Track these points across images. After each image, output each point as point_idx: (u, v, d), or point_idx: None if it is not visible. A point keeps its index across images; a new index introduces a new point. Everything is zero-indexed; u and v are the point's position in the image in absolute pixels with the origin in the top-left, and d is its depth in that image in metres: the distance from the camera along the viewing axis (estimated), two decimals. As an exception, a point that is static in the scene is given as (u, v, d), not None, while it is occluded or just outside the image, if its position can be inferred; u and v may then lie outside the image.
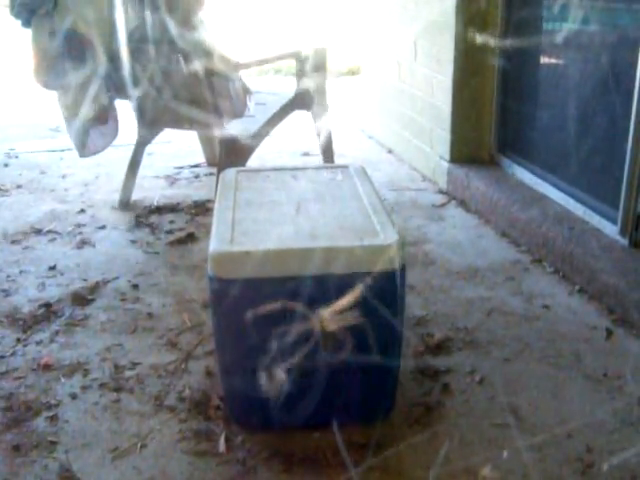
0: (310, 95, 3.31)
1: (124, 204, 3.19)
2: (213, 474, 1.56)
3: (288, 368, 1.57)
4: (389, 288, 1.54)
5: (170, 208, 3.18)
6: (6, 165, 3.88)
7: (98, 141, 3.02)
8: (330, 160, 3.48)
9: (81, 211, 3.17)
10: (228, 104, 2.87)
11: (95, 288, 2.42)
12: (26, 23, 2.85)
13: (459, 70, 3.13)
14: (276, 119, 3.16)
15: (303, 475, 1.55)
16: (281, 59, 3.55)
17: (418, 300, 2.31)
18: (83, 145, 2.99)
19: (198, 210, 3.15)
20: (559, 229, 2.53)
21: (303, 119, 3.55)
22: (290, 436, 1.66)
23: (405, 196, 3.34)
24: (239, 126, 2.97)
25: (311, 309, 1.50)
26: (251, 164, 3.08)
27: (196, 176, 3.65)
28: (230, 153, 2.96)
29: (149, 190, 3.42)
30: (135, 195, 3.25)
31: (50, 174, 3.71)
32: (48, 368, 1.96)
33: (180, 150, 4.06)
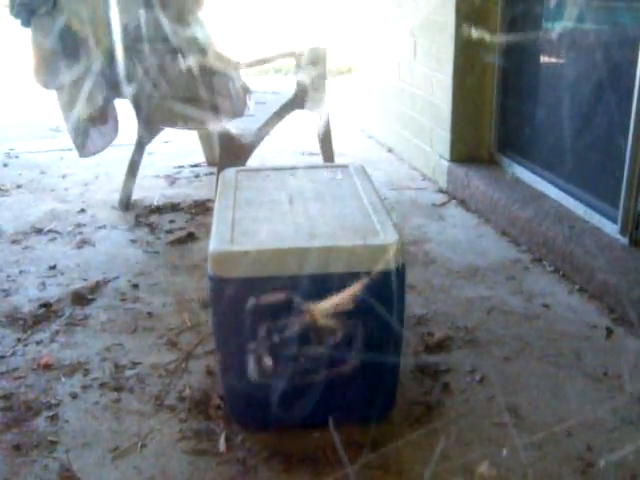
0: (310, 94, 3.31)
1: (124, 204, 3.19)
2: (213, 474, 1.56)
3: (288, 368, 1.57)
4: (389, 287, 1.54)
5: (170, 208, 3.18)
6: (6, 165, 3.88)
7: (98, 141, 3.02)
8: (330, 159, 3.48)
9: (81, 211, 3.17)
10: (228, 103, 2.87)
11: (95, 288, 2.42)
12: (26, 23, 2.85)
13: (459, 69, 3.13)
14: (276, 118, 3.16)
15: (303, 475, 1.55)
16: (286, 57, 3.54)
17: (418, 299, 2.31)
18: (83, 145, 2.99)
19: (198, 210, 3.15)
20: (559, 228, 2.53)
21: (303, 118, 3.56)
22: (290, 436, 1.66)
23: (405, 195, 3.34)
24: (239, 125, 2.97)
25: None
26: (251, 163, 3.08)
27: (196, 176, 3.65)
28: (230, 152, 2.96)
29: (149, 190, 3.42)
30: (135, 195, 3.26)
31: (50, 174, 3.71)
32: (48, 368, 1.96)
33: (180, 150, 4.06)
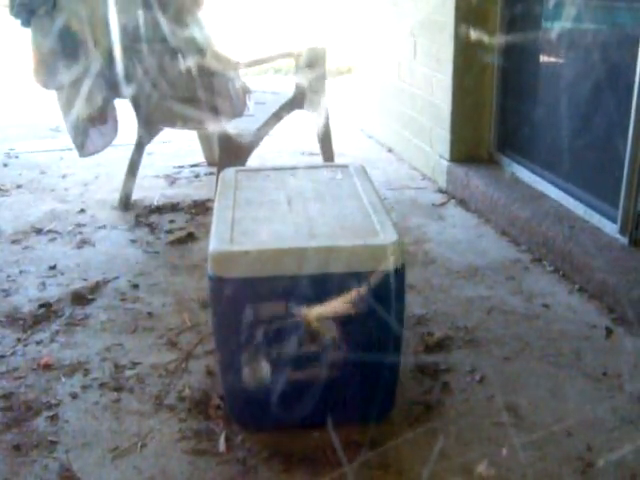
0: (308, 95, 3.31)
1: (124, 204, 3.19)
2: (213, 473, 1.56)
3: (288, 367, 1.57)
4: (389, 287, 1.54)
5: (170, 208, 3.18)
6: (6, 165, 3.88)
7: (98, 141, 3.02)
8: (330, 159, 3.48)
9: (81, 211, 3.17)
10: (228, 103, 2.87)
11: (95, 288, 2.42)
12: (25, 23, 2.85)
13: (458, 69, 3.13)
14: (275, 119, 3.17)
15: (303, 475, 1.55)
16: (281, 58, 3.55)
17: (418, 299, 2.31)
18: (82, 145, 2.99)
19: (198, 209, 3.15)
20: (559, 228, 2.53)
21: (303, 118, 3.56)
22: (290, 436, 1.66)
23: (405, 195, 3.34)
24: (239, 125, 2.97)
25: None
26: (251, 163, 3.08)
27: (196, 175, 3.65)
28: (229, 152, 2.96)
29: (149, 190, 3.42)
30: (135, 195, 3.25)
31: (50, 174, 3.71)
32: (48, 368, 1.96)
33: (180, 150, 4.06)
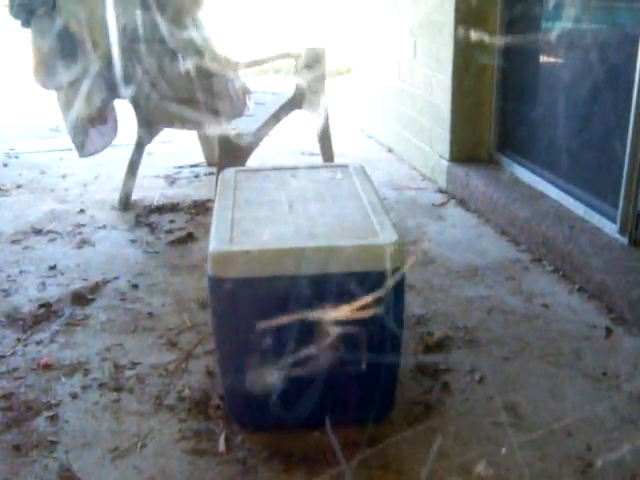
0: (308, 95, 3.31)
1: (124, 204, 3.19)
2: (213, 474, 1.56)
3: (288, 367, 1.57)
4: (388, 287, 1.54)
5: (170, 208, 3.18)
6: (6, 165, 3.88)
7: (97, 141, 3.02)
8: (330, 159, 3.48)
9: (81, 211, 3.17)
10: (228, 104, 2.87)
11: (95, 288, 2.42)
12: (25, 23, 2.85)
13: (458, 69, 3.13)
14: (275, 119, 3.17)
15: (303, 475, 1.55)
16: (280, 59, 3.55)
17: (418, 299, 2.31)
18: (82, 145, 2.99)
19: (198, 210, 3.15)
20: (559, 228, 2.53)
21: (303, 118, 3.56)
22: (290, 436, 1.66)
23: (405, 195, 3.34)
24: (238, 126, 2.97)
25: (310, 309, 1.50)
26: (251, 163, 3.08)
27: (196, 176, 3.65)
28: (229, 153, 2.96)
29: (149, 190, 3.42)
30: (135, 195, 3.26)
31: (50, 174, 3.71)
32: (48, 368, 1.96)
33: (180, 150, 4.06)
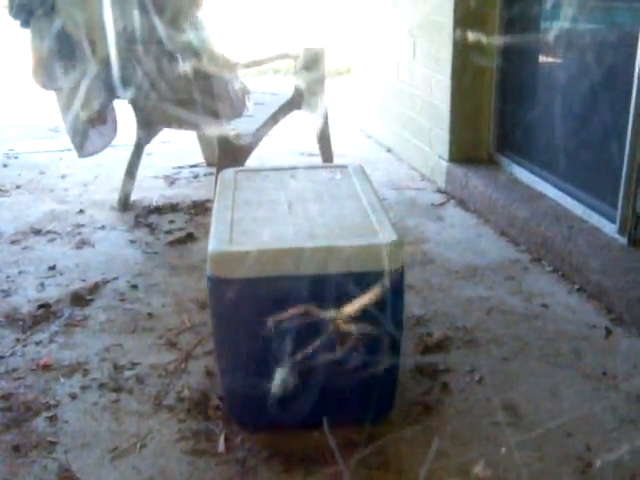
0: (307, 96, 3.31)
1: (123, 204, 3.19)
2: (212, 474, 1.56)
3: (287, 367, 1.57)
4: (388, 287, 1.54)
5: (169, 208, 3.18)
6: (5, 165, 3.88)
7: (97, 141, 3.02)
8: (329, 160, 3.48)
9: (80, 211, 3.17)
10: (227, 105, 2.87)
11: (94, 288, 2.42)
12: (25, 24, 2.85)
13: (457, 69, 3.13)
14: (275, 119, 3.16)
15: (303, 475, 1.55)
16: (280, 59, 3.55)
17: (417, 299, 2.31)
18: (82, 145, 2.99)
19: (197, 210, 3.15)
20: (558, 228, 2.53)
21: (302, 119, 3.56)
22: (289, 436, 1.66)
23: (404, 195, 3.34)
24: (238, 126, 2.97)
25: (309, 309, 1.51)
26: (250, 164, 3.08)
27: (195, 176, 3.65)
28: (228, 153, 2.96)
29: (148, 190, 3.42)
30: (134, 195, 3.26)
31: (49, 174, 3.71)
32: (47, 368, 1.96)
33: (179, 150, 4.06)
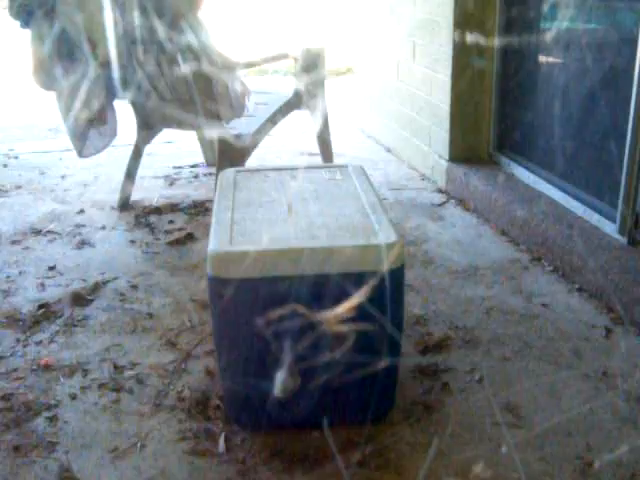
0: (307, 96, 3.31)
1: (123, 204, 3.19)
2: (213, 474, 1.56)
3: (287, 367, 1.57)
4: (388, 287, 1.54)
5: (169, 208, 3.18)
6: (5, 166, 3.88)
7: (97, 142, 3.02)
8: (329, 160, 3.48)
9: (80, 211, 3.17)
10: (227, 105, 2.87)
11: (94, 288, 2.42)
12: (25, 24, 2.85)
13: (457, 69, 3.13)
14: (275, 119, 3.16)
15: (303, 475, 1.55)
16: (278, 60, 3.55)
17: (417, 299, 2.31)
18: (82, 146, 2.99)
19: (197, 210, 3.15)
20: (558, 228, 2.53)
21: (303, 119, 3.56)
22: (290, 436, 1.66)
23: (404, 195, 3.34)
24: (238, 126, 2.98)
25: (310, 309, 1.51)
26: (250, 164, 3.08)
27: (195, 176, 3.65)
28: (228, 153, 2.96)
29: (148, 190, 3.42)
30: (134, 195, 3.26)
31: (49, 175, 3.71)
32: (48, 368, 1.96)
33: (179, 150, 4.06)
